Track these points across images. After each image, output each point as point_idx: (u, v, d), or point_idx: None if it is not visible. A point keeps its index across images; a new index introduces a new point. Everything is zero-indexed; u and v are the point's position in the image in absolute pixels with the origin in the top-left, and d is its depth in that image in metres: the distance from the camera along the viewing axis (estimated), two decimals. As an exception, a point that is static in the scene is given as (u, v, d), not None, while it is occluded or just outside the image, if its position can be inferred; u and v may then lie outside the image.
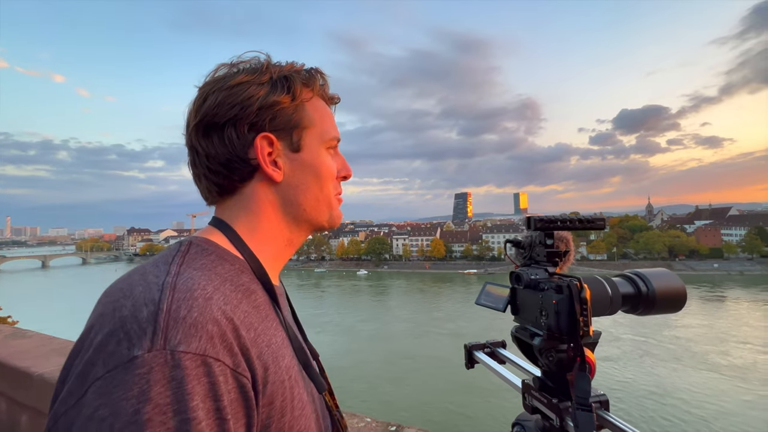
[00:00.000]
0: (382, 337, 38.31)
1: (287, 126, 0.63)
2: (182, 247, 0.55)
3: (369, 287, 72.41)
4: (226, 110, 0.59)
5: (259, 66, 0.64)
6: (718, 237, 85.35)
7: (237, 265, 0.57)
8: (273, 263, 0.66)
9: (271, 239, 0.65)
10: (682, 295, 0.74)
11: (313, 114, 0.66)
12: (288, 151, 0.64)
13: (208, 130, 0.60)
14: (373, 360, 31.63)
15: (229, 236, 0.61)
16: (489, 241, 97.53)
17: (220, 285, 0.50)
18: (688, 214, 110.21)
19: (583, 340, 0.62)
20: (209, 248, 0.56)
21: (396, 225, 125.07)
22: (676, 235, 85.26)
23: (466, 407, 22.87)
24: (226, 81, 0.61)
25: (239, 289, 0.53)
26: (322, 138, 0.67)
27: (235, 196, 0.64)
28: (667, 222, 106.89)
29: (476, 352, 0.97)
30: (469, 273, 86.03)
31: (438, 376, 27.73)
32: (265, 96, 0.61)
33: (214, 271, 0.52)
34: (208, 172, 0.62)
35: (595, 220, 0.73)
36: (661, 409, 22.82)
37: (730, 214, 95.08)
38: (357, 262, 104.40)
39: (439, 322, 44.66)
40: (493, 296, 0.84)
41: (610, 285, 0.71)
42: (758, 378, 27.14)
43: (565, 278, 0.66)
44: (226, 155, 0.60)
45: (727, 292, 58.45)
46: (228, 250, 0.58)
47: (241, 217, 0.63)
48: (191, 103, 0.63)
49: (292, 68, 0.66)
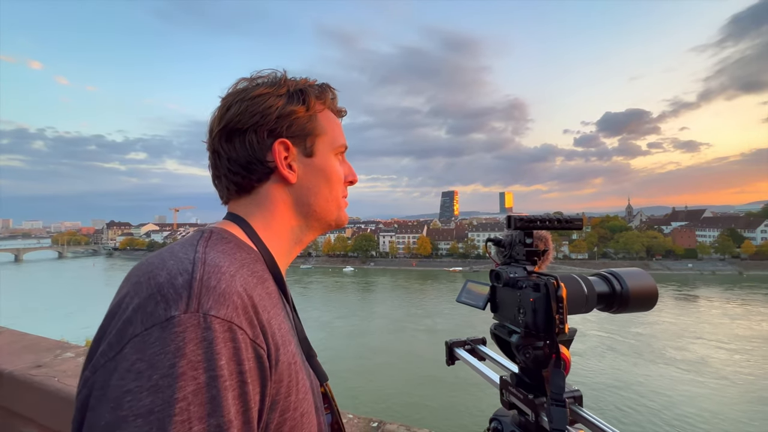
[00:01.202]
0: (361, 333, 38.41)
1: (302, 133, 0.71)
2: (205, 234, 0.60)
3: (354, 284, 72.32)
4: (249, 118, 0.67)
5: (277, 80, 0.72)
6: (693, 238, 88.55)
7: (252, 254, 0.62)
8: (283, 259, 0.71)
9: (283, 235, 0.71)
10: (654, 294, 0.77)
11: (324, 123, 0.74)
12: (302, 156, 0.71)
13: (231, 136, 0.68)
14: (348, 356, 31.69)
15: (245, 229, 0.67)
16: (474, 239, 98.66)
17: (239, 268, 0.55)
18: (666, 216, 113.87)
19: (559, 338, 0.64)
20: (228, 237, 0.62)
21: (383, 222, 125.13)
22: (654, 236, 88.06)
23: (442, 401, 23.27)
24: (248, 92, 0.69)
25: (255, 275, 0.58)
26: (332, 145, 0.74)
27: (251, 194, 0.70)
28: (645, 223, 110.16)
29: (457, 349, 0.98)
30: (455, 270, 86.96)
31: (411, 371, 28.06)
32: (282, 106, 0.68)
33: (233, 256, 0.58)
34: (229, 173, 0.69)
35: (573, 220, 0.75)
36: (618, 400, 24.06)
37: (705, 216, 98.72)
38: (343, 258, 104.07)
39: (419, 318, 45.04)
40: (474, 294, 0.85)
41: (586, 284, 0.73)
42: (708, 371, 28.56)
43: (543, 277, 0.68)
44: (247, 158, 0.67)
45: (698, 291, 60.83)
46: (244, 241, 0.64)
47: (256, 213, 0.69)
48: (215, 111, 0.71)
49: (307, 83, 0.75)
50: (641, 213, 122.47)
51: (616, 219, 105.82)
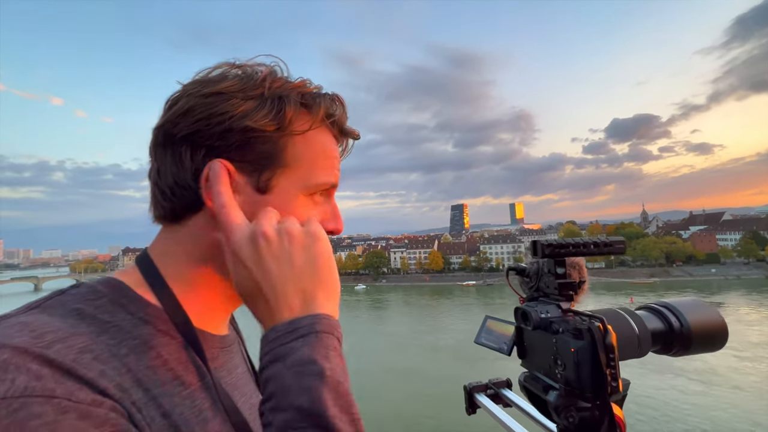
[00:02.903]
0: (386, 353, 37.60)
1: (260, 159, 0.50)
2: (64, 289, 0.46)
3: (366, 302, 71.55)
4: (189, 123, 0.48)
5: (255, 76, 0.52)
6: (714, 242, 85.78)
7: (141, 313, 0.46)
8: (214, 313, 0.55)
9: (207, 288, 0.53)
10: (723, 330, 0.63)
11: (302, 151, 0.52)
12: (251, 190, 0.50)
13: (165, 141, 0.50)
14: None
15: (148, 277, 0.50)
16: (487, 252, 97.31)
17: (87, 333, 0.40)
18: (683, 220, 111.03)
19: (612, 398, 0.52)
20: (103, 290, 0.46)
21: (393, 238, 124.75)
22: (673, 241, 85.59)
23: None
24: (208, 86, 0.50)
25: (125, 343, 0.42)
26: (304, 182, 0.53)
27: (176, 225, 0.52)
28: (662, 228, 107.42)
29: (477, 394, 0.84)
30: (468, 284, 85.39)
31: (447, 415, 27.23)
32: (242, 116, 0.48)
33: (87, 320, 0.41)
34: (156, 189, 0.52)
35: (613, 243, 0.61)
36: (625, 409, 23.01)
37: (724, 219, 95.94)
38: (355, 276, 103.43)
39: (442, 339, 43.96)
40: (496, 335, 0.72)
41: (636, 321, 0.60)
42: (715, 381, 27.00)
43: (585, 318, 0.55)
44: (175, 176, 0.49)
45: (726, 298, 58.38)
46: (138, 294, 0.48)
47: (173, 255, 0.52)
48: (166, 100, 0.52)
49: (298, 88, 0.53)
50: (657, 218, 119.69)
51: (631, 226, 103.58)
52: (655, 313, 0.64)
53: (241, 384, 0.58)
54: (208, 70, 0.52)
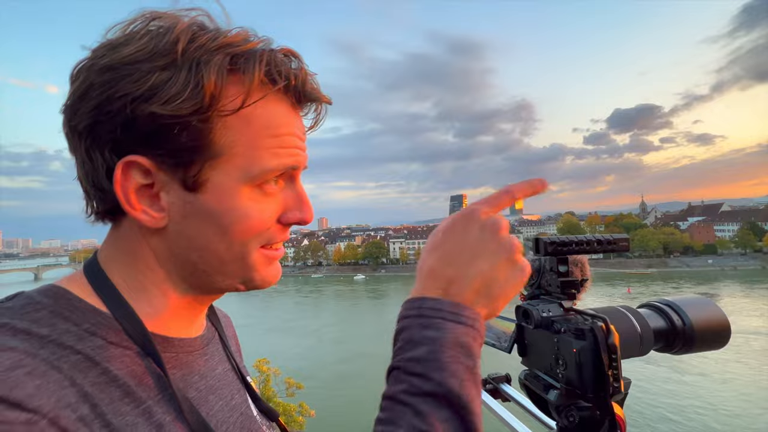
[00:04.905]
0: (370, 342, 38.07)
1: (181, 151, 0.40)
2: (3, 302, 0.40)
3: (365, 292, 72.01)
4: (87, 111, 0.39)
5: (168, 33, 0.40)
6: (711, 233, 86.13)
7: (88, 324, 0.40)
8: (180, 315, 0.49)
9: (159, 293, 0.47)
10: (726, 328, 0.63)
11: (238, 133, 0.42)
12: (179, 188, 0.42)
13: (71, 132, 0.42)
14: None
15: (96, 284, 0.44)
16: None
17: (28, 354, 0.34)
18: (681, 211, 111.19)
19: (613, 398, 0.51)
20: (44, 301, 0.40)
21: (393, 228, 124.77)
22: (671, 232, 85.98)
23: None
24: (107, 54, 0.40)
25: (66, 360, 0.37)
26: (245, 172, 0.43)
27: (117, 226, 0.46)
28: (660, 219, 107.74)
29: (477, 389, 0.85)
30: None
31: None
32: (146, 97, 0.38)
33: (19, 337, 0.36)
34: (81, 182, 0.45)
35: (618, 240, 0.60)
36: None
37: (722, 210, 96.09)
38: (354, 266, 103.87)
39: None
40: (496, 331, 0.71)
41: (638, 320, 0.60)
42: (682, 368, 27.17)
43: (587, 318, 0.54)
44: (90, 176, 0.42)
45: (720, 288, 58.93)
46: (86, 302, 0.42)
47: (117, 260, 0.46)
48: (72, 69, 0.42)
49: (227, 46, 0.41)
50: (656, 209, 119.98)
51: (630, 216, 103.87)
52: (657, 311, 0.63)
53: (219, 386, 0.53)
54: (124, 23, 0.42)
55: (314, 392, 22.11)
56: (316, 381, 24.48)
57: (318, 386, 24.41)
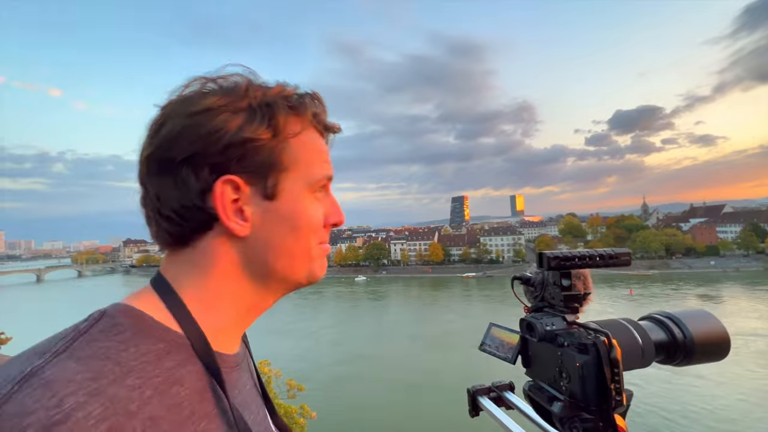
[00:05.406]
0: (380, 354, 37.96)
1: (262, 167, 0.51)
2: (85, 323, 0.43)
3: (365, 294, 71.91)
4: (185, 145, 0.48)
5: (236, 87, 0.52)
6: (714, 234, 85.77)
7: (163, 343, 0.45)
8: (230, 331, 0.54)
9: (226, 305, 0.52)
10: (725, 341, 0.63)
11: (298, 152, 0.54)
12: (260, 199, 0.52)
13: (161, 167, 0.49)
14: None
15: (167, 302, 0.49)
16: (487, 243, 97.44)
17: (111, 383, 0.38)
18: (683, 213, 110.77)
19: (616, 411, 0.53)
20: (125, 322, 0.44)
21: (394, 230, 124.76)
22: (672, 234, 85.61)
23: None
24: (192, 104, 0.49)
25: (150, 382, 0.41)
26: (307, 180, 0.54)
27: (187, 248, 0.52)
28: (662, 221, 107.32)
29: (480, 397, 0.85)
30: (468, 276, 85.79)
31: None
32: (237, 130, 0.49)
33: (113, 359, 0.40)
34: (159, 217, 0.51)
35: (619, 255, 0.61)
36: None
37: (725, 212, 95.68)
38: (355, 268, 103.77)
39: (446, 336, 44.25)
40: (500, 342, 0.72)
41: (640, 332, 0.62)
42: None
43: (590, 333, 0.56)
44: (180, 200, 0.49)
45: (722, 290, 58.65)
46: (158, 322, 0.47)
47: (190, 277, 0.51)
48: (147, 125, 0.51)
49: (281, 92, 0.53)
50: (657, 211, 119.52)
51: (631, 218, 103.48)
52: (658, 324, 0.65)
53: (249, 401, 0.58)
54: (181, 87, 0.52)
55: (314, 394, 22.13)
56: (316, 383, 24.47)
57: (317, 388, 24.43)
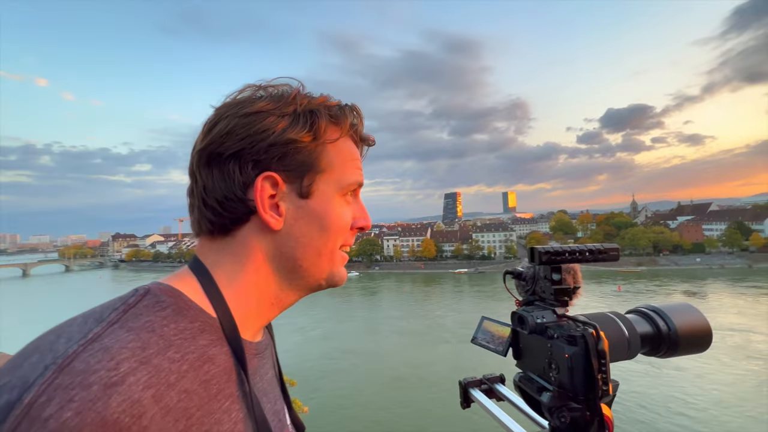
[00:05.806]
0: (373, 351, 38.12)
1: (300, 167, 0.56)
2: (132, 298, 0.47)
3: (357, 290, 72.03)
4: (235, 141, 0.54)
5: (285, 94, 0.58)
6: (700, 232, 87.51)
7: (198, 322, 0.49)
8: (251, 322, 0.57)
9: (252, 295, 0.56)
10: (708, 333, 0.66)
11: (334, 157, 0.59)
12: (294, 196, 0.57)
13: (211, 160, 0.55)
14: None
15: (204, 285, 0.53)
16: (479, 240, 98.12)
17: (156, 354, 0.42)
18: (671, 211, 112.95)
19: (602, 400, 0.56)
20: (167, 300, 0.48)
21: (387, 226, 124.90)
22: (660, 231, 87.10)
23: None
24: (244, 107, 0.55)
25: (187, 357, 0.45)
26: (339, 184, 0.59)
27: (225, 237, 0.56)
28: (651, 218, 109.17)
29: (472, 389, 0.87)
30: (460, 272, 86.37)
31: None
32: (282, 131, 0.55)
33: (158, 332, 0.44)
34: (203, 205, 0.56)
35: (608, 250, 0.64)
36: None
37: (711, 210, 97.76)
38: (348, 264, 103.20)
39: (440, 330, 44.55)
40: (491, 335, 0.74)
41: (626, 325, 0.64)
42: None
43: (578, 325, 0.58)
44: (224, 191, 0.54)
45: (706, 286, 60.00)
46: (194, 302, 0.51)
47: (224, 264, 0.56)
48: (203, 124, 0.58)
49: (324, 102, 0.60)
50: (646, 208, 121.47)
51: (621, 215, 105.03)
52: (644, 317, 0.67)
53: (269, 389, 0.60)
54: (235, 93, 0.59)
55: (305, 389, 22.13)
56: (307, 378, 24.52)
57: (309, 382, 24.49)
